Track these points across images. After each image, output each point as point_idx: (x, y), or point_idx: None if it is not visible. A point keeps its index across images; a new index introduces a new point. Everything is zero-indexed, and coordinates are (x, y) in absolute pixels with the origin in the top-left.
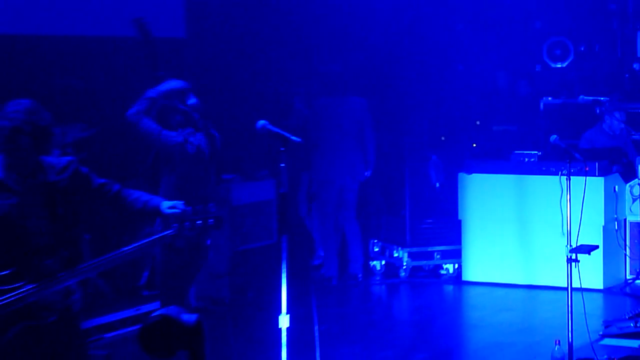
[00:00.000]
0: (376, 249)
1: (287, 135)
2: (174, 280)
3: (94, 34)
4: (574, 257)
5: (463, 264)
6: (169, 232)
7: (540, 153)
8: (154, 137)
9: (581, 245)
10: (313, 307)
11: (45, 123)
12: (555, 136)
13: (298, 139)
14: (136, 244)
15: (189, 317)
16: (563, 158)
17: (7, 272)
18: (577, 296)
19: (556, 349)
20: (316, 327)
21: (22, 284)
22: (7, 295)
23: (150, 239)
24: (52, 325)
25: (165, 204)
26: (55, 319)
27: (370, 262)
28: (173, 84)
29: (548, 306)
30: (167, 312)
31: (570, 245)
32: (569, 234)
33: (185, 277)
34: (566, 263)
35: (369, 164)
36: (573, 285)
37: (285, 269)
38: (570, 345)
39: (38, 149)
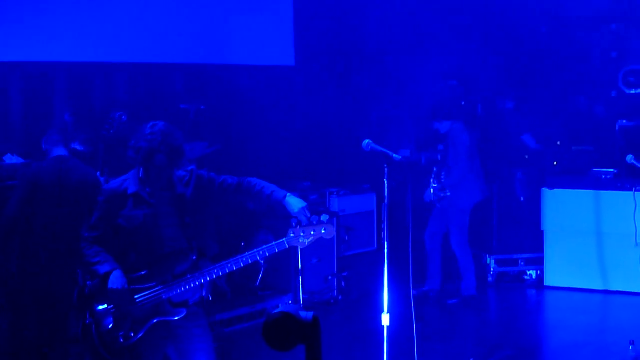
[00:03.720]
0: None
1: (390, 153)
2: None
3: (215, 62)
4: None
5: (545, 270)
6: (283, 240)
7: (616, 171)
8: None
9: None
10: (412, 308)
11: (178, 143)
12: (631, 156)
13: (399, 157)
14: (254, 251)
15: (306, 314)
16: (637, 175)
17: (142, 273)
18: None
19: (630, 348)
20: (414, 326)
21: (154, 284)
22: (143, 294)
23: (267, 246)
24: (182, 320)
25: (289, 199)
26: (184, 314)
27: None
28: None
29: (622, 309)
30: (287, 309)
31: None
32: None
33: None
34: None
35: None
36: None
37: (387, 273)
38: None
39: (171, 165)
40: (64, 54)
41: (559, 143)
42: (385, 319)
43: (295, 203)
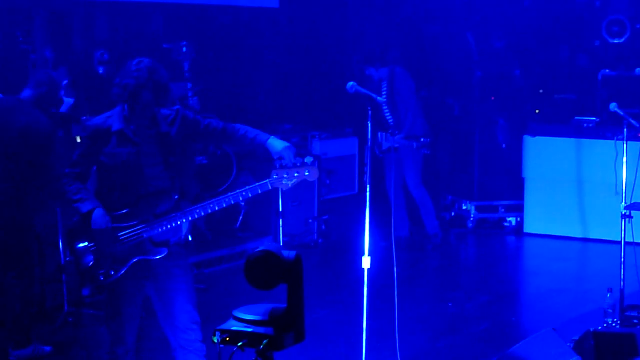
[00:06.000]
0: (447, 202)
1: (374, 95)
2: None
3: (198, 2)
4: (628, 213)
5: (525, 218)
6: (266, 181)
7: (597, 120)
8: None
9: (635, 202)
10: (392, 251)
11: (165, 80)
12: (615, 104)
13: (383, 100)
14: (237, 191)
15: (289, 254)
16: (619, 124)
17: (123, 212)
18: (627, 249)
19: (608, 296)
20: (395, 269)
21: (135, 222)
22: (125, 232)
23: (250, 187)
24: (163, 259)
25: (272, 141)
26: (165, 254)
27: (441, 214)
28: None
29: (601, 257)
30: (270, 248)
31: (625, 203)
32: (624, 192)
33: None
34: (620, 219)
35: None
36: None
37: (368, 216)
38: (621, 292)
39: (157, 102)
40: None
41: (541, 91)
42: (366, 262)
43: (278, 144)
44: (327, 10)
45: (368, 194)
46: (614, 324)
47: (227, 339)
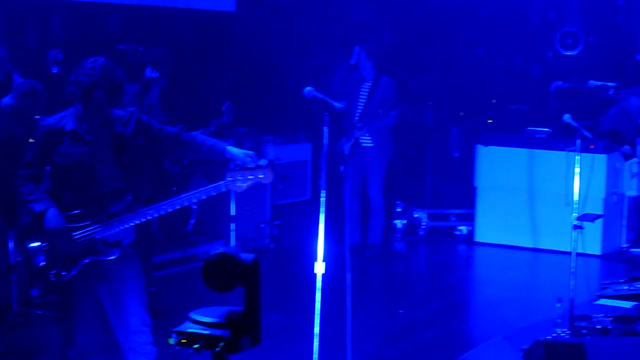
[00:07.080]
0: (398, 209)
1: (331, 101)
2: None
3: (153, 4)
4: (579, 224)
5: (476, 226)
6: (220, 183)
7: (550, 130)
8: None
9: (586, 213)
10: (346, 257)
11: (119, 79)
12: (568, 115)
13: (340, 106)
14: (190, 193)
15: (247, 256)
16: (571, 135)
17: (76, 212)
18: (577, 259)
19: (558, 305)
20: (348, 275)
21: (88, 223)
22: (77, 232)
23: (204, 188)
24: (115, 261)
25: (231, 148)
26: (118, 255)
27: (393, 221)
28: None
29: (551, 267)
30: (228, 250)
31: (577, 213)
32: (575, 203)
33: None
34: (572, 229)
35: None
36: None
37: (323, 221)
38: (571, 303)
39: (110, 102)
40: None
41: (494, 101)
42: (320, 267)
43: (239, 151)
44: (284, 14)
45: (323, 199)
46: (563, 334)
47: (184, 340)
